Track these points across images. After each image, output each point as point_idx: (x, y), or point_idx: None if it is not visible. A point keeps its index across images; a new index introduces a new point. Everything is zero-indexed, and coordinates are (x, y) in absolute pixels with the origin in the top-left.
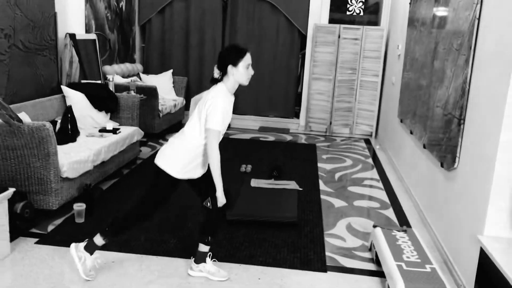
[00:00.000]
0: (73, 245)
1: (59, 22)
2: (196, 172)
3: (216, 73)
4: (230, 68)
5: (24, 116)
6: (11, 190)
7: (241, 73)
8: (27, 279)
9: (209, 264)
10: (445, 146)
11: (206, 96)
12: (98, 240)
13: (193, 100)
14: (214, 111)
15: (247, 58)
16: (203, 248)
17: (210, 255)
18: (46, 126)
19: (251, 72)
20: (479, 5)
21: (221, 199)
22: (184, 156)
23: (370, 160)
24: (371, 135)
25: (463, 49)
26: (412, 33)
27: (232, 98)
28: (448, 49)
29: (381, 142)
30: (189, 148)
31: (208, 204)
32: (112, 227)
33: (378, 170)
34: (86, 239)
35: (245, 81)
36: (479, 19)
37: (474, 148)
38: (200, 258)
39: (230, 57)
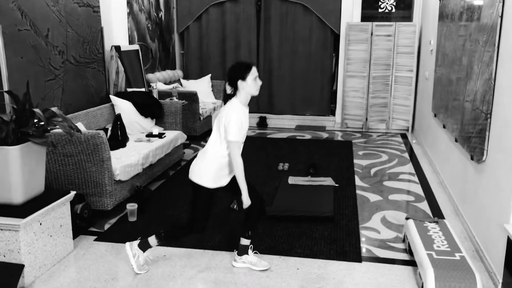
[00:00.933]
0: (127, 243)
1: (105, 36)
2: (224, 180)
3: (229, 89)
4: (240, 82)
5: (80, 126)
6: (72, 193)
7: (250, 85)
8: (90, 272)
9: (251, 256)
10: (474, 140)
11: (222, 110)
12: (153, 241)
13: (214, 117)
14: (230, 124)
15: (254, 71)
16: (244, 241)
17: (251, 247)
18: (100, 135)
19: (259, 83)
20: (501, 3)
21: (246, 202)
22: (212, 167)
23: (406, 155)
24: (407, 130)
25: (488, 46)
26: (442, 29)
27: (247, 110)
28: (475, 46)
29: (417, 136)
30: (215, 159)
31: (235, 206)
32: (168, 234)
33: (414, 164)
34: (139, 238)
35: (255, 92)
36: (501, 17)
37: (501, 142)
38: (242, 251)
39: (238, 73)
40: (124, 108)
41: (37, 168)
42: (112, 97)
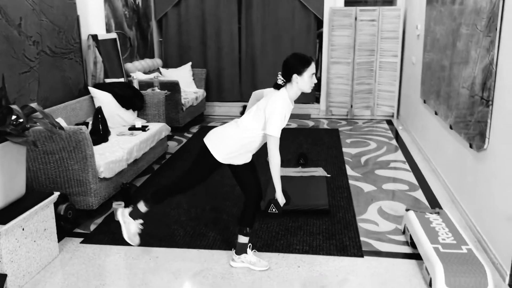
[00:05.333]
0: (120, 210)
1: (81, 24)
2: (238, 160)
3: (280, 80)
4: (295, 76)
5: (61, 122)
6: (56, 194)
7: (305, 81)
8: (78, 278)
9: (250, 255)
10: (473, 128)
11: (268, 98)
12: (142, 207)
13: (254, 94)
14: (274, 117)
15: (312, 68)
16: (242, 239)
17: (250, 246)
18: (82, 130)
19: (314, 80)
20: None
21: (281, 200)
22: (232, 143)
23: (394, 142)
24: (392, 116)
25: (488, 31)
26: (431, 13)
27: (292, 106)
28: (472, 30)
29: (403, 123)
30: (239, 138)
31: (274, 210)
32: (154, 196)
33: (403, 151)
34: (132, 206)
35: (308, 89)
36: (503, 0)
37: (505, 129)
38: (240, 249)
39: (296, 66)
40: (104, 100)
41: (17, 169)
42: (91, 89)
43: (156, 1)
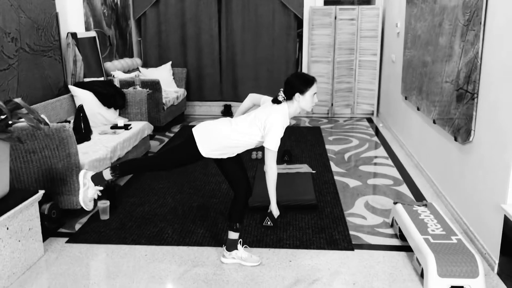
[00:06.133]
0: (83, 171)
1: (60, 22)
2: (220, 156)
3: (281, 97)
4: (297, 95)
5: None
6: (41, 192)
7: (307, 100)
8: (66, 278)
9: (241, 251)
10: (458, 121)
11: (267, 110)
12: (107, 174)
13: (250, 96)
14: (273, 131)
15: (314, 87)
16: (233, 235)
17: (240, 241)
18: (66, 127)
19: (315, 100)
20: None
21: (275, 212)
22: (219, 142)
23: (375, 139)
24: (372, 114)
25: (472, 24)
26: (412, 11)
27: (288, 122)
28: (455, 25)
29: (383, 120)
30: (228, 139)
31: (269, 223)
32: (123, 166)
33: (385, 148)
34: (96, 171)
35: (309, 108)
36: None
37: (490, 121)
38: (231, 245)
39: (299, 86)
40: (86, 99)
41: (1, 167)
42: (71, 87)
43: (134, 0)
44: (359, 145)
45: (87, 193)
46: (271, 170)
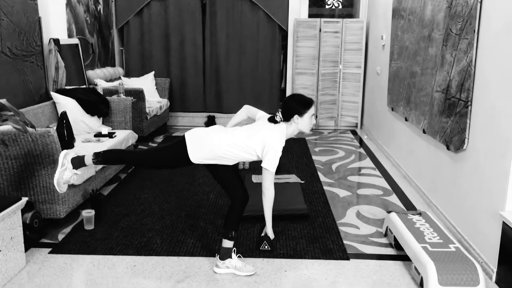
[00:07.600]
0: (64, 151)
1: (43, 27)
2: (206, 161)
3: (279, 118)
4: (296, 117)
5: None
6: (24, 200)
7: (305, 122)
8: None
9: (235, 259)
10: (450, 129)
11: (266, 128)
12: (88, 159)
13: (246, 108)
14: (271, 152)
15: (312, 109)
16: (227, 244)
17: (234, 250)
18: (50, 133)
19: (313, 121)
20: None
21: (271, 235)
22: (210, 150)
23: (361, 150)
24: (356, 126)
25: (464, 33)
26: (398, 23)
27: (284, 143)
28: (446, 35)
29: (367, 132)
30: (220, 150)
31: (266, 247)
32: (107, 154)
33: (372, 159)
34: (78, 154)
35: (307, 130)
36: (481, 2)
37: (486, 128)
38: (225, 254)
39: (297, 108)
40: (68, 106)
41: None
42: (53, 94)
43: (117, 9)
44: (345, 156)
45: (62, 174)
46: (269, 192)
